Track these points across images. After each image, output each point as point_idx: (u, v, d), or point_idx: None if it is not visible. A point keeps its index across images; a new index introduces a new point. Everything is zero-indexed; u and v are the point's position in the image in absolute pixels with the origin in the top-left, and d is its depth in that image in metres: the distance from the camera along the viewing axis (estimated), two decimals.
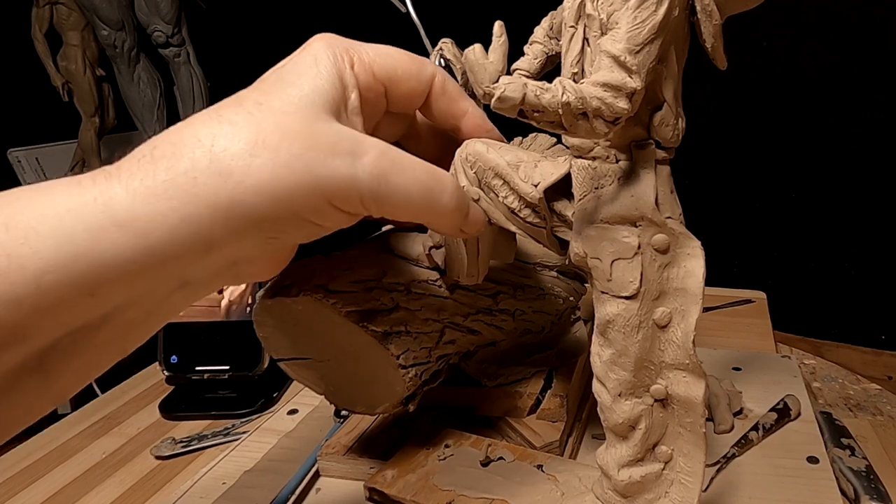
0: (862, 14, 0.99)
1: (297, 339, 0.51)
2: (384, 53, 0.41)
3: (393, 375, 0.50)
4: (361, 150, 0.35)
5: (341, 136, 0.35)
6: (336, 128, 0.35)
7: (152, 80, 1.60)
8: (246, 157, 0.32)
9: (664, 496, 0.43)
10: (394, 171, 0.36)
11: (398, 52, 0.42)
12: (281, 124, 0.34)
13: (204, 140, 0.32)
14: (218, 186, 0.32)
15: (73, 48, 1.56)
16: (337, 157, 0.34)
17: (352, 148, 0.35)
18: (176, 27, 1.50)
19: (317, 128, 0.35)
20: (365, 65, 0.39)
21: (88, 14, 1.49)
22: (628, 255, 0.39)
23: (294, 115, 0.34)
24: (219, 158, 0.32)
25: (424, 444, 0.56)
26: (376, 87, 0.40)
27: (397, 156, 0.36)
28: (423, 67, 0.42)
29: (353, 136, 0.35)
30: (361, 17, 1.39)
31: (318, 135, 0.34)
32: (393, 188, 0.36)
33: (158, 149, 0.32)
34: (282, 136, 0.33)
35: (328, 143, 0.34)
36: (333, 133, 0.35)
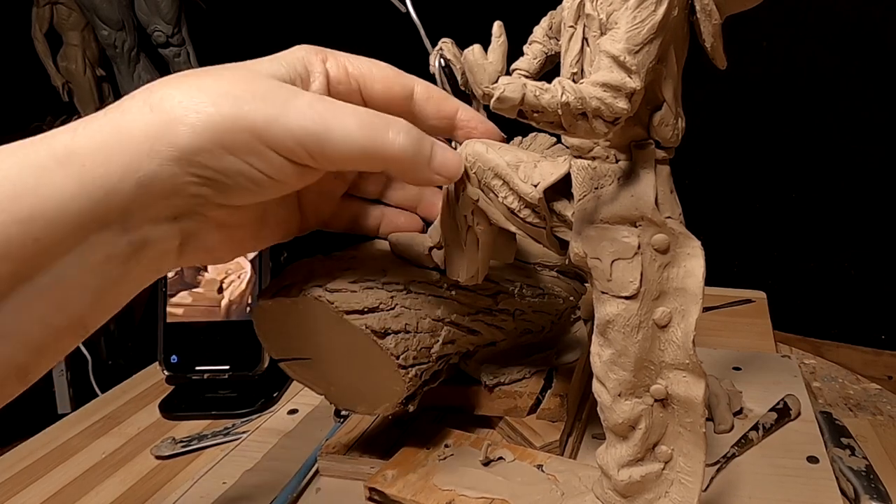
0: (862, 14, 0.99)
1: (297, 339, 0.51)
2: (361, 58, 0.43)
3: (393, 375, 0.50)
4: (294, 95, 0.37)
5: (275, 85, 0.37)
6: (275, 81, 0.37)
7: (152, 80, 1.59)
8: (178, 97, 0.35)
9: (664, 496, 0.43)
10: (330, 112, 0.37)
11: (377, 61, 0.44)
12: (222, 76, 0.36)
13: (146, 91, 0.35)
14: (148, 119, 0.34)
15: (74, 48, 1.56)
16: (267, 98, 0.36)
17: (286, 93, 0.36)
18: (176, 27, 1.50)
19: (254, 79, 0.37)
20: (338, 61, 0.42)
21: (89, 14, 1.49)
22: (628, 255, 0.39)
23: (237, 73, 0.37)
24: (153, 97, 0.35)
25: (424, 444, 0.56)
26: (349, 82, 0.42)
27: (335, 101, 0.38)
28: (401, 74, 0.44)
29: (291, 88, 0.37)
30: (362, 18, 1.39)
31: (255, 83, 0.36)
32: (329, 126, 0.36)
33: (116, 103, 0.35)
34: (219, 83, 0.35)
35: (262, 89, 0.36)
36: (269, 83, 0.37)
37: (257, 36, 1.63)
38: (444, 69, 0.46)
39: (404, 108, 0.45)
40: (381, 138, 0.38)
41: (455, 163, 0.42)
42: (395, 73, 0.44)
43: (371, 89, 0.43)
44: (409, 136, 0.39)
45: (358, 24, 1.44)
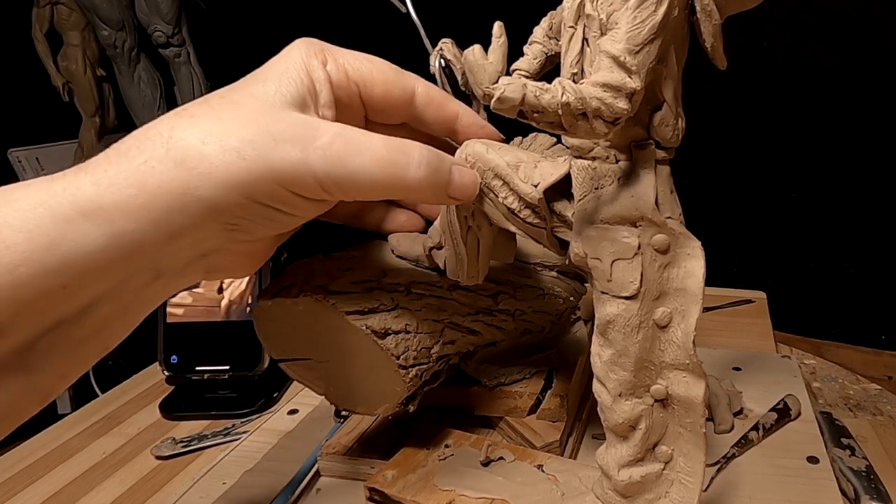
0: (862, 14, 0.99)
1: (298, 339, 0.51)
2: (361, 58, 0.42)
3: (393, 376, 0.50)
4: (315, 134, 0.36)
5: (296, 122, 0.36)
6: (292, 115, 0.37)
7: (152, 80, 1.60)
8: (199, 146, 0.34)
9: (664, 496, 0.43)
10: (349, 152, 0.36)
11: (377, 60, 0.43)
12: (237, 114, 0.35)
13: (163, 132, 0.34)
14: (173, 175, 0.33)
15: (74, 48, 1.56)
16: (288, 142, 0.35)
17: (305, 133, 0.36)
18: (176, 27, 1.50)
19: (271, 116, 0.36)
20: (338, 64, 0.41)
21: (89, 14, 1.49)
22: (628, 255, 0.39)
23: (251, 106, 0.36)
24: (175, 147, 0.33)
25: (424, 444, 0.56)
26: (349, 86, 0.41)
27: (354, 135, 0.37)
28: (402, 75, 0.44)
29: (309, 122, 0.36)
30: (362, 18, 1.39)
31: (271, 122, 0.35)
32: (350, 168, 0.36)
33: (125, 143, 0.34)
34: (236, 124, 0.34)
35: (280, 129, 0.35)
36: (288, 120, 0.36)
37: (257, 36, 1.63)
38: (444, 69, 0.46)
39: (404, 111, 0.44)
40: (402, 175, 0.38)
41: (472, 183, 0.42)
42: (395, 74, 0.43)
43: (371, 92, 0.43)
44: (429, 168, 0.39)
45: (358, 24, 1.44)
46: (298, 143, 0.35)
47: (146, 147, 0.34)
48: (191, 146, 0.34)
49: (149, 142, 0.34)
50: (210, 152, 0.34)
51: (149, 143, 0.34)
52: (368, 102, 0.43)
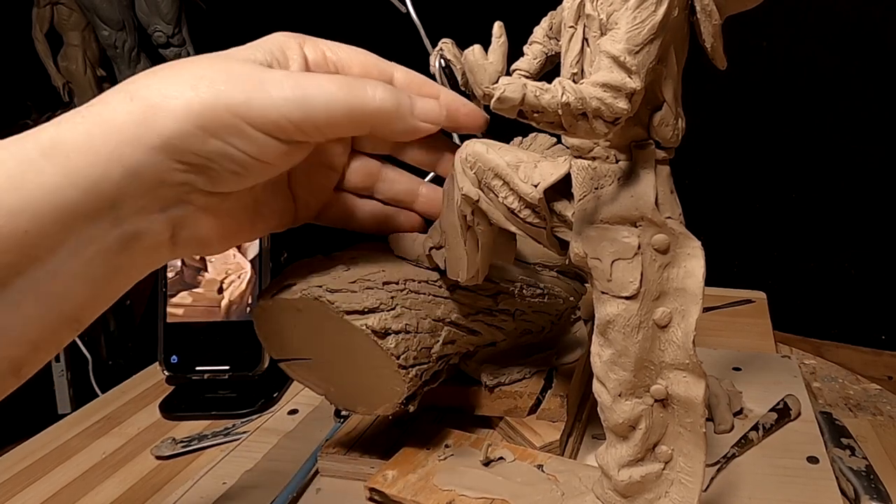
0: (861, 14, 0.99)
1: (298, 339, 0.51)
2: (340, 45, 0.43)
3: (393, 376, 0.50)
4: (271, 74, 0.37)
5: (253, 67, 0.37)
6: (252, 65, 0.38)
7: None
8: (156, 85, 0.35)
9: (664, 496, 0.43)
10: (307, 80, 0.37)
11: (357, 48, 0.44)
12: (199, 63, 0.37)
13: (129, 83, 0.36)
14: (127, 112, 0.34)
15: (74, 48, 1.56)
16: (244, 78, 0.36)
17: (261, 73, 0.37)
18: (176, 27, 1.50)
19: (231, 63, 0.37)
20: (316, 47, 0.42)
21: (89, 14, 1.49)
22: (628, 255, 0.39)
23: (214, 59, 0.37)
24: (130, 90, 0.35)
25: (424, 444, 0.56)
26: (326, 66, 0.42)
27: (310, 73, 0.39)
28: (380, 61, 0.45)
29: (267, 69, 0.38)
30: (362, 18, 1.39)
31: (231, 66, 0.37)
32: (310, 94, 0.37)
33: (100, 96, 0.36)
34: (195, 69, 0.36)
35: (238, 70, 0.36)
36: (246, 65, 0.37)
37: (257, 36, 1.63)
38: (444, 69, 0.46)
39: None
40: (361, 95, 0.39)
41: (436, 107, 0.43)
42: (375, 59, 0.44)
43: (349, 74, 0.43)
44: (386, 90, 0.40)
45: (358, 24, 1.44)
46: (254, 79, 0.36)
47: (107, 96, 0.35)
48: (146, 87, 0.35)
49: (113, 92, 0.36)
50: (163, 87, 0.35)
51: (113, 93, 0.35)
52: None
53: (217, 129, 0.36)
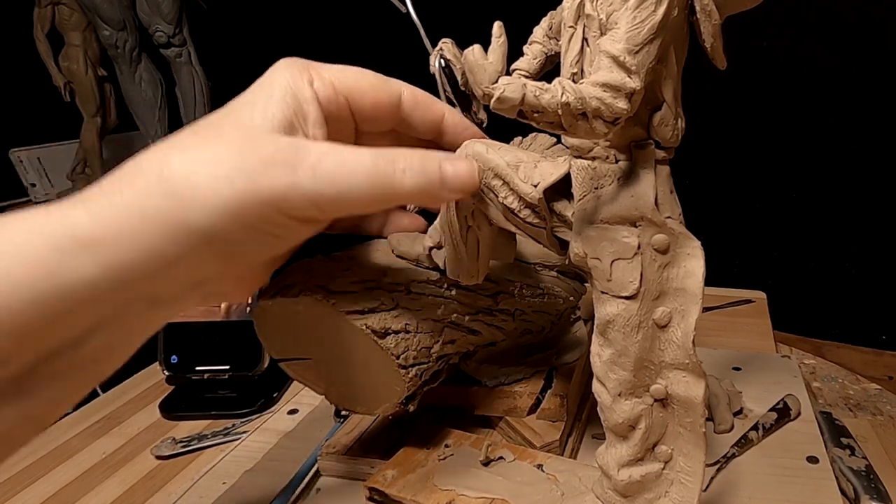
0: (862, 14, 0.99)
1: (298, 339, 0.51)
2: (346, 70, 0.42)
3: (393, 375, 0.50)
4: (303, 156, 0.36)
5: (283, 145, 0.36)
6: (280, 139, 0.37)
7: (153, 81, 1.60)
8: (190, 176, 0.34)
9: (664, 496, 0.43)
10: (337, 169, 0.36)
11: (362, 70, 0.43)
12: (226, 142, 0.35)
13: (155, 163, 0.34)
14: (167, 205, 0.33)
15: (75, 48, 1.56)
16: (277, 166, 0.35)
17: (293, 155, 0.36)
18: (177, 27, 1.50)
19: (259, 141, 0.36)
20: (325, 80, 0.41)
21: (90, 14, 1.49)
22: (628, 255, 0.39)
23: (239, 134, 0.36)
24: (166, 179, 0.34)
25: (424, 444, 0.56)
26: (338, 99, 0.41)
27: (341, 153, 0.37)
28: (388, 82, 0.43)
29: (296, 144, 0.36)
30: (362, 18, 1.39)
31: (260, 147, 0.35)
32: (339, 185, 0.36)
33: (119, 174, 0.35)
34: (226, 153, 0.35)
35: (269, 153, 0.35)
36: (276, 144, 0.36)
37: (258, 36, 1.63)
38: (444, 69, 0.46)
39: (393, 117, 0.44)
40: (391, 184, 0.38)
41: (468, 173, 0.40)
42: (382, 81, 0.43)
43: (360, 103, 0.42)
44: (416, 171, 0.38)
45: (358, 24, 1.44)
46: (287, 166, 0.35)
47: (139, 179, 0.34)
48: (182, 176, 0.34)
49: (141, 174, 0.34)
50: (201, 182, 0.34)
51: (141, 174, 0.34)
52: (358, 113, 0.43)
53: (253, 222, 0.36)
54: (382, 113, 0.44)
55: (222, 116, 0.38)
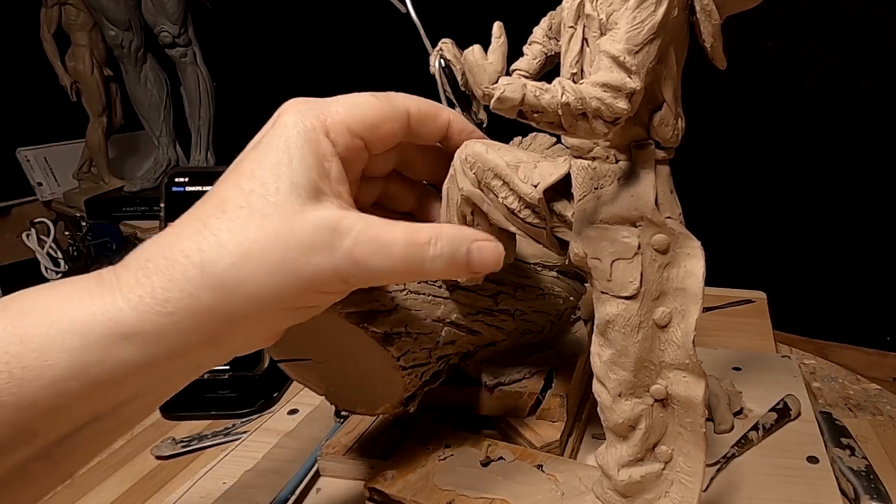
0: (863, 14, 0.99)
1: (297, 339, 0.51)
2: (355, 105, 0.40)
3: (393, 376, 0.50)
4: (339, 238, 0.36)
5: (319, 226, 0.36)
6: (314, 217, 0.36)
7: (159, 80, 1.61)
8: (234, 271, 0.34)
9: (664, 496, 0.43)
10: (372, 253, 0.37)
11: (368, 99, 0.41)
12: (263, 227, 0.35)
13: (193, 256, 0.34)
14: (213, 299, 0.34)
15: (81, 48, 1.57)
16: (317, 252, 0.36)
17: (330, 239, 0.36)
18: (182, 27, 1.51)
19: (297, 224, 0.36)
20: (339, 126, 0.39)
21: (96, 14, 1.50)
22: (628, 255, 0.39)
23: (274, 215, 0.36)
24: (210, 274, 0.34)
25: (424, 444, 0.56)
26: (355, 143, 0.40)
27: (376, 234, 0.37)
28: (393, 104, 0.42)
29: (330, 223, 0.37)
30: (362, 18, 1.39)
31: (299, 231, 0.36)
32: (374, 269, 0.37)
33: (152, 262, 0.34)
34: (266, 241, 0.35)
35: (308, 239, 0.36)
36: (312, 225, 0.36)
37: (263, 36, 1.63)
38: (444, 69, 0.46)
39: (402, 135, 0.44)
40: (421, 268, 0.39)
41: (493, 258, 0.41)
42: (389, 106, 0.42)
43: (374, 138, 0.42)
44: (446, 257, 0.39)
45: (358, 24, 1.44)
46: (326, 251, 0.36)
47: (177, 272, 0.34)
48: (225, 271, 0.34)
49: (178, 266, 0.34)
50: (246, 277, 0.34)
51: (178, 267, 0.34)
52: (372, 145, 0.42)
53: (295, 304, 0.37)
54: (395, 139, 0.43)
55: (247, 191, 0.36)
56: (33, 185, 1.67)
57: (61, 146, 1.70)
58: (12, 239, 1.61)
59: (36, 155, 1.65)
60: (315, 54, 1.51)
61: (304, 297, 0.37)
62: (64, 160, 1.69)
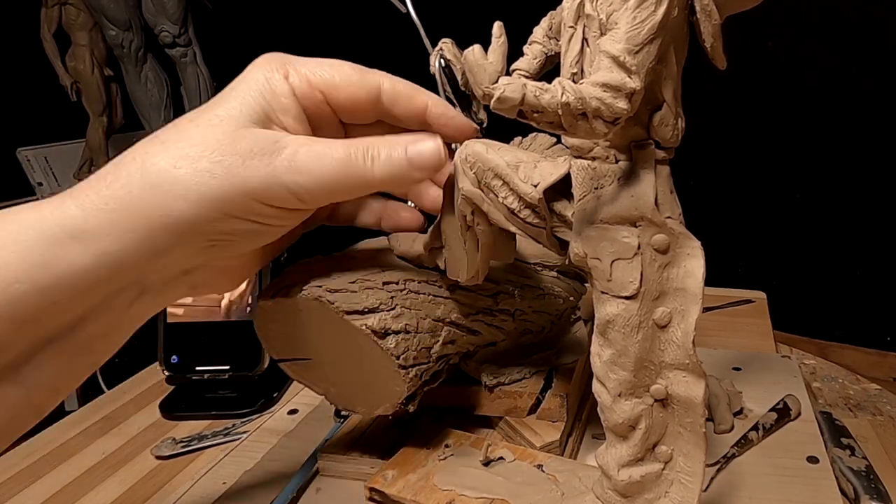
0: (863, 14, 0.99)
1: (297, 339, 0.51)
2: (322, 64, 0.43)
3: (393, 376, 0.50)
4: (278, 147, 0.38)
5: (259, 138, 0.38)
6: (256, 132, 0.38)
7: (159, 80, 1.61)
8: (171, 170, 0.36)
9: (664, 496, 0.43)
10: (312, 161, 0.38)
11: (339, 63, 0.43)
12: (205, 136, 0.37)
13: (137, 158, 0.37)
14: (150, 197, 0.36)
15: (82, 48, 1.57)
16: (255, 157, 0.37)
17: (269, 147, 0.38)
18: (182, 27, 1.51)
19: (237, 135, 0.38)
20: (300, 74, 0.42)
21: (96, 14, 1.50)
22: (628, 255, 0.39)
23: (218, 127, 0.38)
24: (149, 172, 0.36)
25: (424, 444, 0.56)
26: (313, 94, 0.42)
27: (315, 145, 0.39)
28: (365, 75, 0.44)
29: (272, 136, 0.39)
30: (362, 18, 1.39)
31: (237, 140, 0.37)
32: (315, 175, 0.38)
33: (104, 170, 0.37)
34: (204, 146, 0.37)
35: (247, 146, 0.37)
36: (252, 137, 0.38)
37: (263, 36, 1.63)
38: (444, 69, 0.46)
39: (373, 110, 0.45)
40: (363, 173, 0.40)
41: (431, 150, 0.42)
42: (358, 75, 0.44)
43: (336, 98, 0.43)
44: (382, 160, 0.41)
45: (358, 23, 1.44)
46: (264, 158, 0.37)
47: (122, 173, 0.36)
48: (164, 170, 0.36)
49: (124, 168, 0.36)
50: (182, 175, 0.36)
51: (124, 168, 0.36)
52: (336, 107, 0.44)
53: (235, 211, 0.38)
54: (360, 106, 0.44)
55: (201, 112, 0.39)
56: (34, 186, 1.67)
57: (62, 146, 1.70)
58: None
59: (36, 155, 1.65)
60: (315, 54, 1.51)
61: (247, 206, 0.38)
62: (64, 160, 1.69)
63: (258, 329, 0.52)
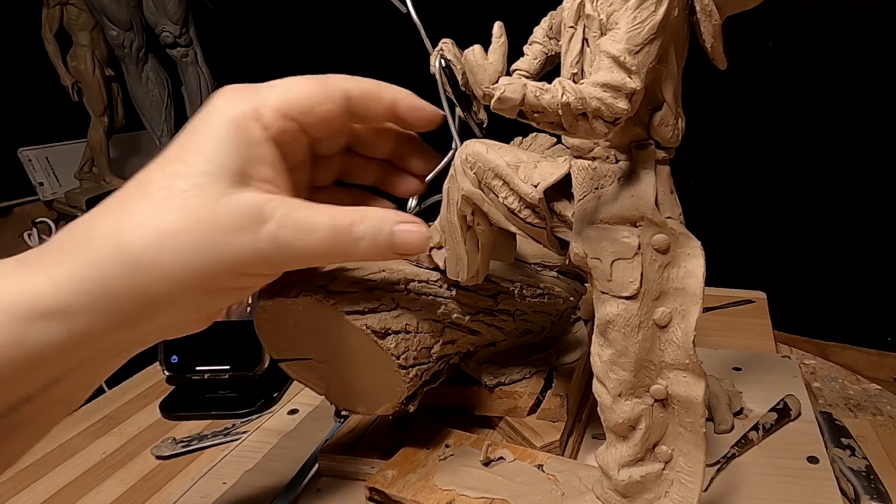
0: (863, 14, 0.99)
1: (298, 339, 0.51)
2: (288, 89, 0.40)
3: (393, 376, 0.50)
4: (261, 220, 0.37)
5: (242, 209, 0.36)
6: (238, 201, 0.37)
7: (160, 80, 1.61)
8: (151, 252, 0.34)
9: (664, 496, 0.43)
10: (296, 236, 0.37)
11: (302, 82, 0.41)
12: (184, 209, 0.35)
13: (110, 237, 0.34)
14: (128, 278, 0.34)
15: (83, 48, 1.58)
16: (238, 233, 0.36)
17: (251, 221, 0.36)
18: (184, 27, 1.51)
19: (218, 207, 0.36)
20: (272, 110, 0.39)
21: (98, 14, 1.50)
22: (628, 255, 0.39)
23: (196, 198, 0.36)
24: (126, 253, 0.34)
25: (424, 444, 0.56)
26: (289, 126, 0.40)
27: (300, 217, 0.38)
28: (328, 88, 0.42)
29: (254, 207, 0.37)
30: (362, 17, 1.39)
31: (220, 215, 0.36)
32: (298, 251, 0.38)
33: (73, 242, 0.34)
34: (184, 222, 0.35)
35: (229, 221, 0.36)
36: (235, 208, 0.36)
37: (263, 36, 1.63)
38: (444, 69, 0.46)
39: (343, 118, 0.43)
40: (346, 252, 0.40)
41: (417, 241, 0.42)
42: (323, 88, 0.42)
43: (308, 122, 0.41)
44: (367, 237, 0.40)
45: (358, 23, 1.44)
46: (247, 233, 0.36)
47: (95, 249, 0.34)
48: (142, 250, 0.34)
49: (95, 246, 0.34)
50: (163, 256, 0.34)
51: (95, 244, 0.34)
52: (310, 129, 0.42)
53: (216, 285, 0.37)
54: (334, 121, 0.43)
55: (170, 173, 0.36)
56: (35, 185, 1.67)
57: (63, 146, 1.70)
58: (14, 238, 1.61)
59: (37, 155, 1.65)
60: (315, 54, 1.51)
61: (226, 278, 0.37)
62: (65, 160, 1.69)
63: (258, 329, 0.52)
